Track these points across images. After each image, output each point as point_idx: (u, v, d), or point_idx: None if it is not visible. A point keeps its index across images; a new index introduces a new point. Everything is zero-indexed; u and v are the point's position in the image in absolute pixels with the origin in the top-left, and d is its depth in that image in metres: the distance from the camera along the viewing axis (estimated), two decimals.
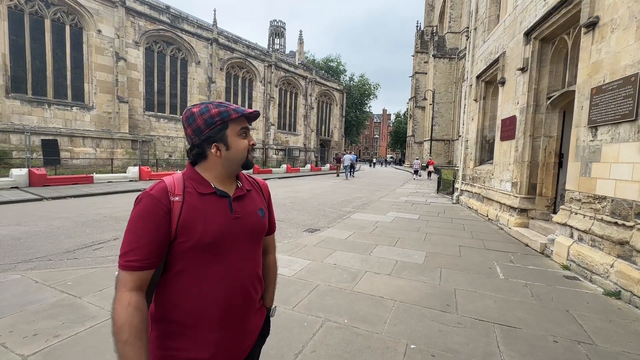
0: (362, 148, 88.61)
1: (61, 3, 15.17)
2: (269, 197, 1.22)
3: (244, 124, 1.03)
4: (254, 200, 1.10)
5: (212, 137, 0.98)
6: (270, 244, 1.27)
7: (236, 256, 0.99)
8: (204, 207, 0.96)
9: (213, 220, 0.95)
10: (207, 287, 0.95)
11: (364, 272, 3.92)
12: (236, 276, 0.99)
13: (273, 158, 27.10)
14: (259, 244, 1.09)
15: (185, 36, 20.30)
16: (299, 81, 30.32)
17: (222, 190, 1.01)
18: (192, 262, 0.94)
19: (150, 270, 0.90)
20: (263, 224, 1.09)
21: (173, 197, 0.94)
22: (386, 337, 2.51)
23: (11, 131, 13.79)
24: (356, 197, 11.43)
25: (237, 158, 1.02)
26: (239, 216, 1.01)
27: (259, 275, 1.09)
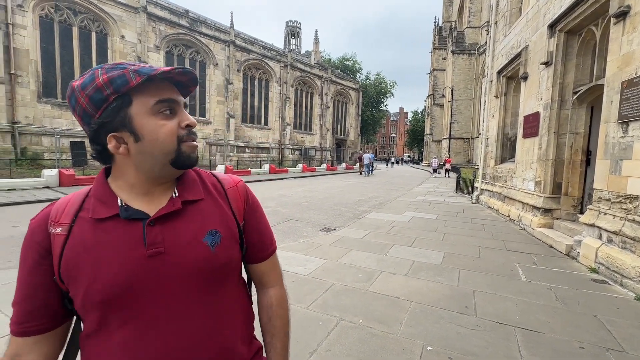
0: (378, 147, 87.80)
1: (87, 11, 15.88)
2: (245, 206, 0.79)
3: (164, 93, 0.64)
4: (201, 218, 0.69)
5: (107, 123, 0.62)
6: (267, 274, 0.83)
7: (163, 317, 0.63)
8: (98, 241, 0.62)
9: (109, 264, 0.61)
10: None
11: (380, 272, 3.88)
12: (164, 347, 0.62)
13: (289, 158, 27.30)
14: (216, 290, 0.69)
15: (203, 39, 20.77)
16: (315, 81, 30.38)
17: (134, 209, 0.65)
18: (94, 325, 0.63)
19: (33, 336, 0.64)
20: (211, 258, 0.67)
21: (54, 227, 0.64)
22: (402, 338, 2.48)
23: (43, 134, 14.57)
24: (372, 197, 11.34)
25: (159, 152, 0.64)
26: (161, 250, 0.63)
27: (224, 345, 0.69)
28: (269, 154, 25.84)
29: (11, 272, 3.66)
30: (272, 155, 26.07)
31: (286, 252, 4.57)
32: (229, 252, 0.71)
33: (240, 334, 0.73)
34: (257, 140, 25.28)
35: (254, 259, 0.81)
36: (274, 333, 0.79)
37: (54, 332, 0.66)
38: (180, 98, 0.69)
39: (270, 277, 0.84)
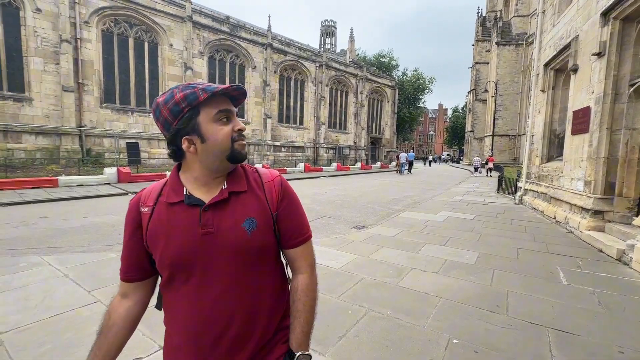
0: (415, 145, 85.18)
1: (141, 23, 17.40)
2: (280, 198, 0.91)
3: (222, 105, 0.82)
4: (242, 208, 0.84)
5: (182, 129, 0.81)
6: (297, 260, 0.94)
7: (208, 282, 0.81)
8: (169, 220, 0.82)
9: (175, 238, 0.80)
10: (176, 311, 0.84)
11: (410, 268, 3.94)
12: (212, 305, 0.81)
13: (324, 157, 27.60)
14: (252, 268, 0.84)
15: (242, 43, 21.73)
16: (350, 79, 30.34)
17: (195, 197, 0.83)
18: (166, 280, 0.85)
19: (135, 282, 0.89)
20: (248, 241, 0.82)
21: (143, 207, 0.86)
22: (428, 330, 2.57)
23: (104, 136, 16.27)
24: (407, 196, 11.20)
25: (218, 150, 0.82)
26: (211, 231, 0.80)
27: (254, 313, 0.84)
28: (303, 152, 26.36)
29: (85, 255, 4.28)
30: (306, 154, 26.55)
31: (319, 246, 4.78)
32: (263, 237, 0.85)
33: (267, 307, 0.86)
34: (292, 140, 25.90)
35: (286, 245, 0.92)
36: (295, 316, 0.89)
37: (147, 281, 0.92)
38: (233, 108, 0.86)
39: (300, 264, 0.93)
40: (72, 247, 4.69)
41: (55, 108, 14.79)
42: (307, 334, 0.90)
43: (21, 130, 13.87)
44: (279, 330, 0.90)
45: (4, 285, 3.21)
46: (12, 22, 13.76)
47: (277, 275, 0.92)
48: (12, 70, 13.94)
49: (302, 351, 0.87)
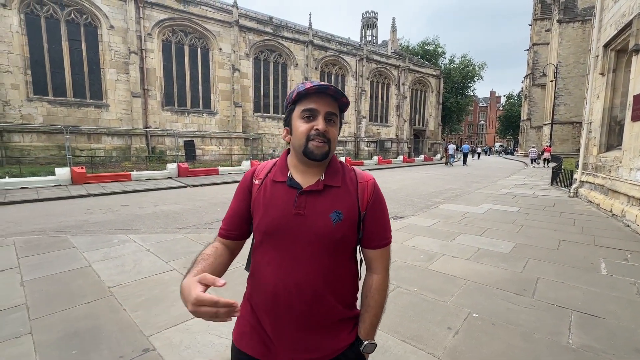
0: (464, 136, 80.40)
1: (194, 31, 18.97)
2: (370, 200, 0.97)
3: (311, 104, 0.90)
4: (333, 200, 0.93)
5: (286, 119, 0.97)
6: (375, 261, 1.00)
7: (293, 254, 0.90)
8: (271, 194, 0.94)
9: (273, 210, 0.92)
10: (262, 272, 0.95)
11: (441, 255, 4.16)
12: (289, 274, 0.90)
13: (364, 150, 27.61)
14: (331, 254, 0.92)
15: (285, 42, 22.53)
16: (391, 71, 29.77)
17: (296, 181, 0.94)
18: (258, 243, 0.97)
19: (232, 240, 1.01)
20: (331, 230, 0.90)
21: (255, 179, 0.99)
22: (450, 305, 2.83)
23: (165, 135, 18.19)
24: (448, 189, 11.02)
25: (297, 145, 0.93)
26: (301, 213, 0.90)
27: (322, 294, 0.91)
28: (345, 147, 26.64)
29: (159, 235, 5.15)
30: (347, 148, 26.80)
31: None
32: (345, 230, 0.92)
33: (336, 292, 0.95)
34: None
35: (368, 245, 1.00)
36: (366, 310, 0.99)
37: (239, 243, 1.05)
38: (323, 108, 0.91)
39: (376, 264, 1.00)
40: (149, 229, 5.65)
41: (126, 112, 16.90)
42: (375, 326, 0.99)
43: (101, 132, 16.13)
44: (347, 319, 0.98)
45: (106, 255, 4.11)
46: (92, 39, 15.97)
47: (350, 268, 0.99)
48: (93, 81, 16.22)
49: (369, 340, 0.98)
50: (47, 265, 3.82)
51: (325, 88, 0.90)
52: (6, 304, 2.89)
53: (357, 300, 1.02)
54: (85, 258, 4.02)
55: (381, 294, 0.99)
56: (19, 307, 2.85)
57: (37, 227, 5.79)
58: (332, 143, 0.93)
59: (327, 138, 0.91)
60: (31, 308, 2.83)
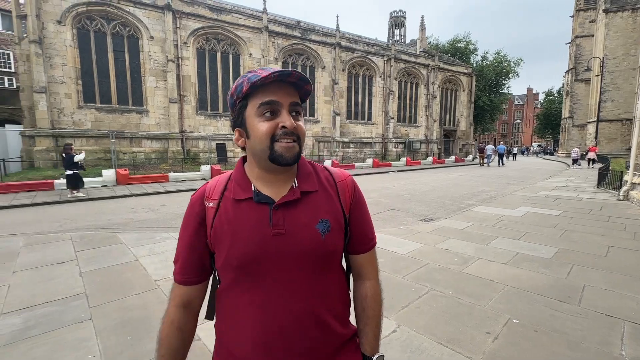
0: (498, 136, 76.66)
1: (226, 38, 19.74)
2: (352, 200, 0.85)
3: (270, 95, 0.72)
4: (315, 208, 0.78)
5: (236, 120, 0.77)
6: (365, 267, 0.89)
7: (282, 287, 0.75)
8: (235, 217, 0.76)
9: (243, 237, 0.74)
10: (240, 319, 0.77)
11: (477, 258, 4.04)
12: (279, 314, 0.74)
13: (392, 151, 27.19)
14: (327, 271, 0.80)
15: (312, 45, 22.80)
16: (420, 70, 29.12)
17: (264, 195, 0.77)
18: (228, 284, 0.78)
19: (194, 285, 0.82)
20: (323, 244, 0.76)
21: (208, 201, 0.79)
22: (488, 310, 2.76)
23: (199, 138, 19.06)
24: (482, 191, 10.60)
25: (258, 149, 0.75)
26: (281, 231, 0.74)
27: (323, 320, 0.78)
28: (372, 148, 26.41)
29: None
30: (375, 150, 26.55)
31: (386, 235, 5.14)
32: (335, 241, 0.79)
33: (335, 313, 0.81)
34: (360, 136, 26.16)
35: (356, 250, 0.87)
36: (366, 322, 0.86)
37: (204, 284, 0.84)
38: (285, 99, 0.73)
39: (367, 270, 0.89)
40: None
41: (164, 117, 17.90)
42: (378, 337, 0.88)
43: (141, 136, 17.21)
44: (348, 340, 0.84)
45: (151, 251, 4.41)
46: (134, 49, 17.11)
47: (342, 281, 0.86)
48: (134, 88, 17.37)
49: (377, 354, 0.87)
50: (100, 258, 4.17)
51: (288, 74, 0.71)
52: (69, 292, 3.20)
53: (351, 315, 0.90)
54: (133, 253, 4.35)
55: (378, 302, 0.89)
56: (79, 295, 3.15)
57: (89, 224, 6.32)
58: (302, 140, 0.76)
59: (296, 136, 0.75)
60: (90, 297, 3.12)
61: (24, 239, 5.10)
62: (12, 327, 2.60)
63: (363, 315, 0.87)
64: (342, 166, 20.00)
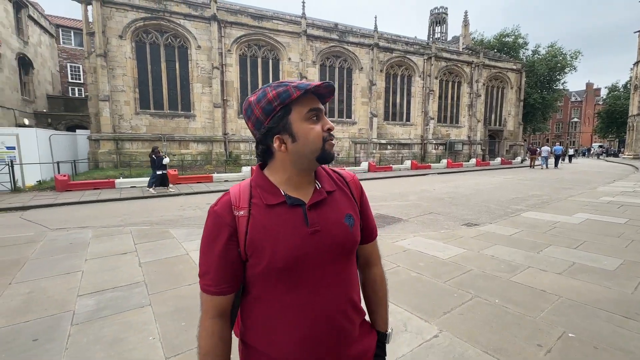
0: (551, 136, 70.46)
1: (267, 44, 20.48)
2: (360, 196, 0.96)
3: (313, 103, 0.80)
4: (339, 205, 0.87)
5: (273, 127, 0.80)
6: (372, 254, 1.00)
7: (319, 281, 0.81)
8: (273, 222, 0.79)
9: (284, 239, 0.78)
10: (284, 320, 0.80)
11: (527, 267, 3.80)
12: (320, 306, 0.81)
13: (432, 153, 26.23)
14: (349, 261, 0.88)
15: (350, 47, 22.82)
16: (463, 68, 27.80)
17: (294, 197, 0.82)
18: (265, 289, 0.81)
19: (229, 295, 0.82)
20: (351, 236, 0.85)
21: (237, 211, 0.81)
22: (540, 321, 2.60)
23: (240, 141, 19.97)
24: (532, 195, 9.86)
25: (309, 150, 0.80)
26: (318, 229, 0.80)
27: (354, 301, 0.87)
28: (410, 149, 25.71)
29: None
30: (413, 151, 25.80)
31: (425, 239, 5.01)
32: (358, 232, 0.89)
33: (359, 296, 0.93)
34: (398, 137, 25.59)
35: (365, 240, 0.98)
36: (379, 303, 0.99)
37: (237, 292, 0.84)
38: (322, 106, 0.83)
39: (373, 257, 1.01)
40: None
41: (209, 121, 19.01)
42: (387, 315, 1.02)
43: (189, 139, 18.45)
44: (365, 320, 0.94)
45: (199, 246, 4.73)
46: (183, 58, 18.42)
47: (356, 269, 0.96)
48: (183, 95, 18.67)
49: (389, 330, 1.01)
50: (156, 251, 4.58)
51: (331, 85, 0.81)
52: (131, 280, 3.57)
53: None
54: (184, 247, 4.71)
55: (384, 283, 1.02)
56: (140, 283, 3.50)
57: (145, 219, 6.93)
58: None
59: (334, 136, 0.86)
60: (149, 285, 3.44)
61: (92, 231, 5.74)
62: (87, 308, 2.96)
63: (375, 297, 1.00)
64: (378, 168, 19.75)
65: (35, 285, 3.48)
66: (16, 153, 11.42)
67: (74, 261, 4.21)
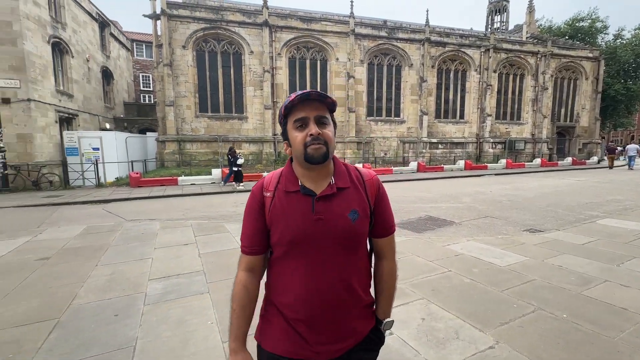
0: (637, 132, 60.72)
1: (315, 45, 20.82)
2: (376, 195, 1.07)
3: (300, 114, 0.95)
4: (348, 200, 1.00)
5: (283, 133, 1.01)
6: (384, 248, 1.11)
7: (318, 258, 0.96)
8: (287, 205, 0.97)
9: (293, 220, 0.95)
10: (290, 281, 0.98)
11: (603, 280, 3.36)
12: (317, 279, 0.96)
13: (489, 152, 24.31)
14: (353, 249, 1.00)
15: (399, 44, 22.16)
16: (526, 59, 25.28)
17: (308, 188, 0.98)
18: (280, 254, 1.00)
19: (257, 255, 1.03)
20: (352, 228, 0.97)
21: (266, 192, 1.01)
22: (619, 342, 2.29)
23: None
24: (612, 200, 8.65)
25: (297, 154, 0.97)
26: (322, 217, 0.95)
27: (350, 285, 1.00)
28: (464, 149, 24.14)
29: None
30: (467, 151, 24.19)
31: (480, 244, 4.70)
32: (361, 226, 1.00)
33: (361, 283, 1.05)
34: (450, 136, 24.19)
35: (378, 235, 1.09)
36: (381, 293, 1.13)
37: (264, 254, 1.07)
38: (311, 113, 0.95)
39: (386, 251, 1.11)
40: None
41: (260, 122, 19.93)
42: (390, 305, 1.14)
43: (241, 140, 19.54)
44: (368, 305, 1.08)
45: None
46: (237, 64, 19.56)
47: (365, 258, 1.08)
48: (237, 98, 19.83)
49: (387, 318, 1.12)
50: (212, 243, 4.95)
51: (307, 95, 0.94)
52: (192, 269, 3.91)
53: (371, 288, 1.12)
54: (237, 241, 5.01)
55: (392, 277, 1.12)
56: (199, 272, 3.82)
57: (203, 214, 7.53)
58: (330, 143, 0.97)
59: (323, 140, 0.95)
60: (207, 274, 3.75)
61: (159, 224, 6.40)
62: (156, 291, 3.33)
63: (379, 288, 1.12)
64: (428, 168, 18.94)
65: (115, 268, 4.00)
66: (100, 153, 13.18)
67: (145, 249, 4.74)
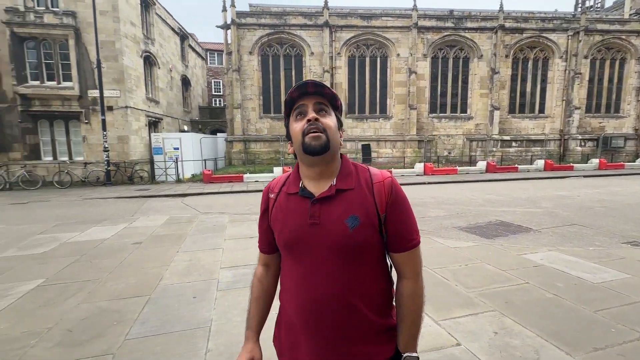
0: None
1: (375, 42, 20.47)
2: (387, 200, 0.90)
3: (300, 102, 0.90)
4: (349, 204, 0.88)
5: (287, 134, 0.96)
6: (402, 265, 0.93)
7: (312, 265, 0.88)
8: (286, 207, 0.93)
9: (290, 223, 0.90)
10: (290, 284, 0.95)
11: None
12: (310, 287, 0.88)
13: (576, 151, 21.14)
14: (350, 262, 0.87)
15: (467, 34, 20.53)
16: (629, 41, 21.27)
17: (308, 190, 0.91)
18: (283, 255, 0.98)
19: (269, 254, 1.05)
20: (348, 236, 0.85)
21: (271, 193, 1.00)
22: None
23: (347, 140, 20.61)
24: None
25: (297, 147, 0.90)
26: (316, 222, 0.87)
27: (351, 304, 0.86)
28: (543, 147, 21.36)
29: None
30: (548, 149, 21.36)
31: (566, 255, 4.14)
32: (364, 235, 0.86)
33: (369, 302, 0.89)
34: (527, 132, 21.61)
35: (393, 249, 0.92)
36: (401, 319, 0.92)
37: (277, 253, 1.04)
38: (309, 101, 0.89)
39: (405, 269, 0.92)
40: None
41: None
42: (414, 336, 0.92)
43: None
44: (384, 330, 0.91)
45: None
46: (298, 66, 20.22)
47: (378, 274, 0.93)
48: None
49: (409, 352, 0.90)
50: None
51: (305, 84, 0.88)
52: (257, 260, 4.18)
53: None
54: None
55: (415, 300, 0.91)
56: None
57: None
58: (330, 132, 0.87)
59: (321, 127, 0.86)
60: None
61: (228, 217, 6.97)
62: (227, 279, 3.64)
63: (399, 313, 0.93)
64: (499, 168, 17.26)
65: (193, 255, 4.49)
66: (179, 152, 14.88)
67: (217, 240, 5.21)
